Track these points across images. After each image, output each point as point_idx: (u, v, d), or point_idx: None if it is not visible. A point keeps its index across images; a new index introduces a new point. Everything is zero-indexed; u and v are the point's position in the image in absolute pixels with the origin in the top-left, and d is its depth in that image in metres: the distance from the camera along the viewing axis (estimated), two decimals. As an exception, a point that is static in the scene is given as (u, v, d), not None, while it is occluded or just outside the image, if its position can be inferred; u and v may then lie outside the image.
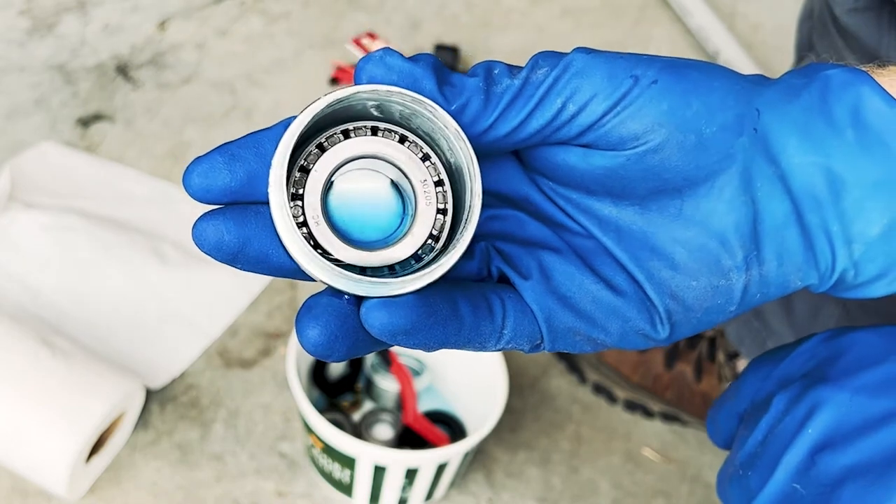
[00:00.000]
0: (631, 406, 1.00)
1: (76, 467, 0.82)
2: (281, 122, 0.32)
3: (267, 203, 0.31)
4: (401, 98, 0.31)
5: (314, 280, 0.31)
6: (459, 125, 0.31)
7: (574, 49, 0.33)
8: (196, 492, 0.88)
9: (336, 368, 0.94)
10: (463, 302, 0.32)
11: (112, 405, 0.84)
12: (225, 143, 0.31)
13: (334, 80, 1.28)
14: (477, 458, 0.94)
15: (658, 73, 0.33)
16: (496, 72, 0.33)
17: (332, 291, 0.32)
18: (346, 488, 0.86)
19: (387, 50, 0.32)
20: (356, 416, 0.93)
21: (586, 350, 0.36)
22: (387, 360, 0.91)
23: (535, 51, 0.35)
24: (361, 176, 0.32)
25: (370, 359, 0.94)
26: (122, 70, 1.27)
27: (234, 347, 0.99)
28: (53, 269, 1.01)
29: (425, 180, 0.32)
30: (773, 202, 0.34)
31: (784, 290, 0.36)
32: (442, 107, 0.32)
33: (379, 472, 0.83)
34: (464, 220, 0.31)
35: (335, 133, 0.32)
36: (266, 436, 0.93)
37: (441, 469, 0.84)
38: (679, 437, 1.00)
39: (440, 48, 1.32)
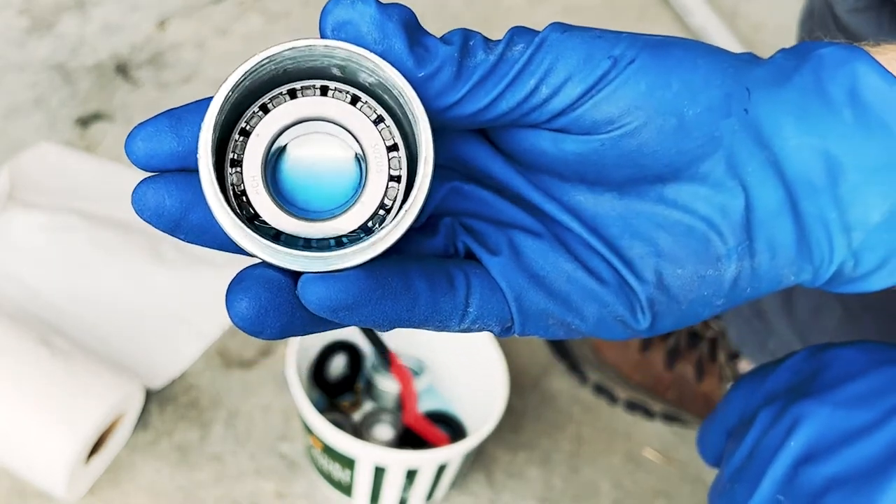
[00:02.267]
0: (632, 406, 1.00)
1: (75, 468, 0.82)
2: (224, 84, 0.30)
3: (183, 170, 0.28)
4: (343, 53, 0.28)
5: (251, 255, 0.29)
6: (424, 93, 0.28)
7: (549, 25, 0.30)
8: (196, 492, 0.88)
9: (336, 369, 0.94)
10: (418, 276, 0.30)
11: (111, 406, 0.83)
12: (171, 109, 0.29)
13: (334, 80, 1.28)
14: (477, 459, 0.94)
15: (638, 52, 0.30)
16: (472, 43, 0.30)
17: (268, 265, 0.29)
18: (346, 489, 0.86)
19: None
20: (356, 416, 0.93)
21: (559, 336, 0.33)
22: (387, 361, 0.91)
23: None
24: (312, 140, 0.29)
25: (370, 359, 0.94)
26: (122, 69, 1.27)
27: (233, 348, 0.99)
28: (52, 269, 1.01)
29: (376, 145, 0.28)
30: (765, 189, 0.32)
31: (776, 286, 0.34)
32: (409, 70, 0.29)
33: (379, 472, 0.82)
34: (416, 187, 0.28)
35: (281, 93, 0.29)
36: (266, 436, 0.92)
37: (441, 469, 0.84)
38: (680, 438, 0.99)
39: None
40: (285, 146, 0.29)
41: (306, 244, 0.29)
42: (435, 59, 0.29)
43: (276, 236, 0.29)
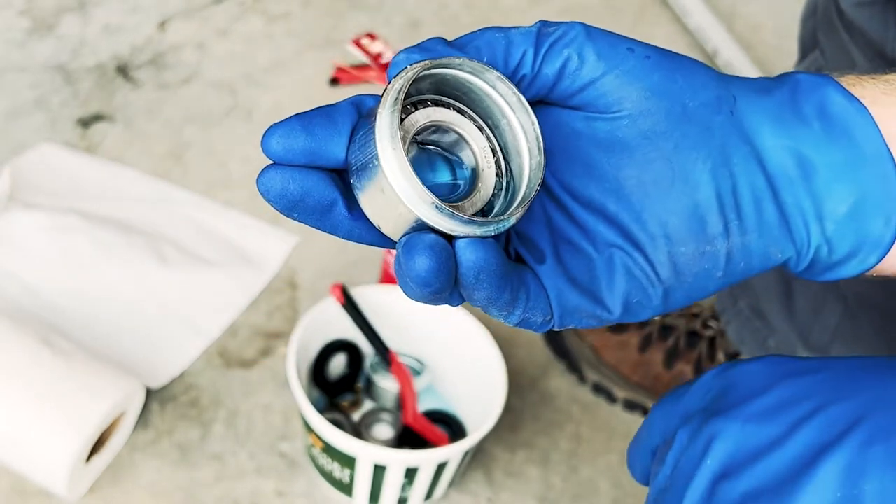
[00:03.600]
0: (630, 406, 1.00)
1: (76, 467, 0.82)
2: (346, 100, 0.36)
3: (333, 170, 0.34)
4: (491, 78, 0.34)
5: (363, 242, 0.35)
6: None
7: (574, 21, 0.38)
8: (196, 491, 0.88)
9: (336, 368, 0.94)
10: (512, 268, 0.36)
11: (112, 405, 0.84)
12: (298, 113, 0.35)
13: (334, 81, 1.29)
14: (476, 458, 0.94)
15: (652, 51, 0.37)
16: (512, 29, 0.38)
17: (414, 228, 0.33)
18: (346, 488, 0.87)
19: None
20: (356, 415, 0.93)
21: (592, 325, 0.38)
22: (387, 360, 0.92)
23: None
24: (443, 140, 0.35)
25: (370, 359, 0.95)
26: (123, 70, 1.27)
27: (234, 347, 1.00)
28: (53, 269, 1.01)
29: (484, 147, 0.35)
30: (750, 177, 0.37)
31: (766, 262, 0.39)
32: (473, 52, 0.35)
33: (379, 471, 0.83)
34: (526, 180, 0.34)
35: (406, 105, 0.34)
36: (266, 435, 0.93)
37: (441, 468, 0.84)
38: (678, 437, 1.00)
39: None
40: (422, 141, 0.35)
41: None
42: (484, 34, 0.37)
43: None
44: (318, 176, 0.34)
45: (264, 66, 1.31)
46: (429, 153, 0.35)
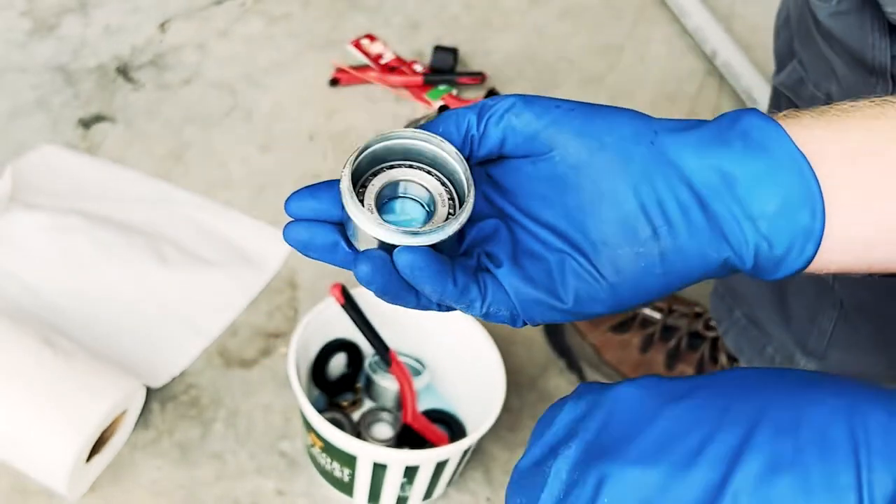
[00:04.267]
0: None
1: (77, 466, 0.83)
2: (336, 179, 0.47)
3: (333, 222, 0.47)
4: (423, 138, 0.47)
5: (364, 250, 0.46)
6: (448, 134, 0.48)
7: (515, 95, 0.47)
8: (196, 491, 0.88)
9: (336, 368, 0.95)
10: (459, 268, 0.45)
11: (113, 404, 0.84)
12: (309, 185, 0.47)
13: (334, 81, 1.29)
14: (476, 457, 0.94)
15: (576, 105, 0.46)
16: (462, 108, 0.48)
17: (379, 247, 0.45)
18: (346, 487, 0.87)
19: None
20: (356, 415, 0.93)
21: (556, 318, 0.46)
22: (387, 360, 0.92)
23: (534, 52, 0.48)
24: (404, 201, 0.49)
25: (370, 358, 0.95)
26: (123, 71, 1.28)
27: (234, 347, 1.00)
28: (54, 269, 1.01)
29: (440, 193, 0.48)
30: (673, 191, 0.44)
31: (705, 262, 0.45)
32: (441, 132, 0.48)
33: (378, 470, 0.83)
34: (464, 205, 0.46)
35: (383, 167, 0.48)
36: (266, 435, 0.93)
37: (440, 467, 0.84)
38: (677, 437, 1.00)
39: (439, 49, 1.33)
40: (386, 197, 0.48)
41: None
42: (448, 116, 0.48)
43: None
44: (322, 226, 0.46)
45: (264, 67, 1.31)
46: (397, 198, 0.49)
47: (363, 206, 0.46)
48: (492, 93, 1.30)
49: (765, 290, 0.90)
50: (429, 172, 0.48)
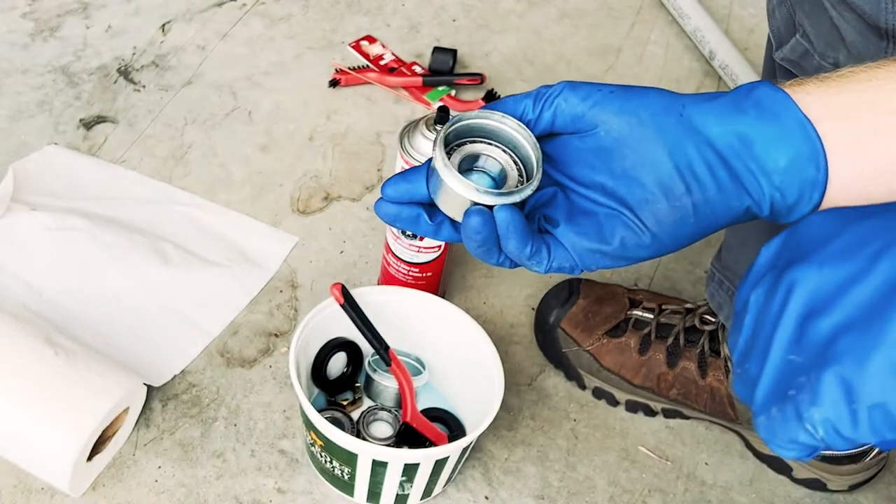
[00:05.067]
0: (633, 407, 1.01)
1: (78, 464, 0.83)
2: (424, 163, 0.57)
3: (420, 203, 0.57)
4: (498, 118, 0.56)
5: (443, 240, 0.59)
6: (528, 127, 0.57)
7: (562, 82, 0.57)
8: (197, 489, 0.89)
9: (336, 367, 0.95)
10: (533, 230, 0.55)
11: (114, 403, 0.85)
12: (399, 173, 0.57)
13: (334, 82, 1.30)
14: (475, 456, 0.95)
15: (615, 88, 0.55)
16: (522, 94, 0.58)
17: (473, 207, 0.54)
18: (346, 485, 0.87)
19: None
20: (356, 414, 0.94)
21: (609, 265, 0.55)
22: (386, 359, 0.92)
23: (532, 53, 0.56)
24: (480, 172, 0.58)
25: (369, 357, 0.96)
26: (125, 72, 1.28)
27: (234, 346, 1.00)
28: (56, 269, 1.02)
29: (507, 160, 0.56)
30: (701, 153, 0.53)
31: (730, 211, 0.53)
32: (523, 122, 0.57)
33: (378, 469, 0.84)
34: (535, 174, 0.55)
35: (465, 141, 0.57)
36: (266, 434, 0.94)
37: (439, 466, 0.85)
38: (675, 435, 1.01)
39: (438, 50, 1.33)
40: (464, 169, 0.57)
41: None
42: (508, 100, 0.58)
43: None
44: (408, 205, 0.57)
45: (265, 68, 1.32)
46: (475, 170, 0.57)
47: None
48: (491, 94, 1.31)
49: None
50: (498, 147, 0.56)
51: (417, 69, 1.33)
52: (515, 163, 0.56)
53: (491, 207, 0.54)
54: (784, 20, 0.83)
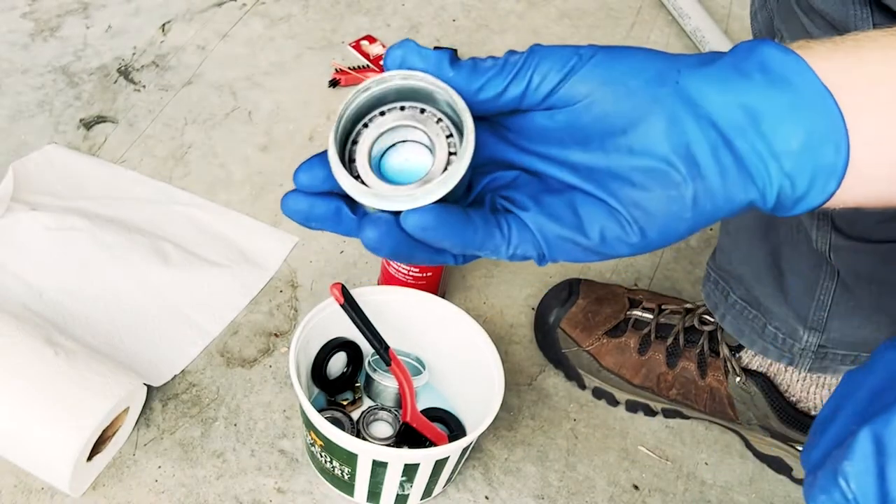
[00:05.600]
0: (633, 407, 1.01)
1: (79, 464, 0.83)
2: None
3: (331, 193, 0.45)
4: (413, 82, 0.44)
5: (367, 212, 0.44)
6: (458, 87, 0.44)
7: (533, 45, 0.45)
8: (197, 489, 0.89)
9: (336, 367, 0.95)
10: (476, 214, 0.44)
11: (114, 403, 0.85)
12: (316, 154, 0.45)
13: (334, 82, 1.30)
14: (475, 456, 0.95)
15: (597, 51, 0.44)
16: (484, 58, 0.45)
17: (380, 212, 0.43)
18: (346, 485, 0.88)
19: (410, 42, 0.45)
20: (356, 413, 0.94)
21: (581, 258, 0.45)
22: (386, 359, 0.92)
23: None
24: (400, 140, 0.46)
25: (369, 357, 0.96)
26: (125, 72, 1.28)
27: (234, 346, 1.01)
28: (56, 268, 1.02)
29: (438, 135, 0.44)
30: (703, 132, 0.43)
31: (731, 203, 0.44)
32: (450, 78, 0.44)
33: (378, 469, 0.84)
34: (462, 145, 0.43)
35: (375, 114, 0.45)
36: (266, 433, 0.94)
37: (439, 466, 0.85)
38: (675, 435, 1.01)
39: (438, 50, 1.33)
40: (383, 147, 0.45)
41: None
42: (463, 67, 0.45)
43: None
44: (321, 196, 0.45)
45: (265, 68, 1.32)
46: (400, 143, 0.46)
47: (352, 167, 0.44)
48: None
49: (762, 268, 0.91)
50: (422, 111, 0.45)
51: (417, 69, 1.33)
52: (445, 127, 0.45)
53: (397, 213, 0.42)
54: (765, 24, 0.84)
